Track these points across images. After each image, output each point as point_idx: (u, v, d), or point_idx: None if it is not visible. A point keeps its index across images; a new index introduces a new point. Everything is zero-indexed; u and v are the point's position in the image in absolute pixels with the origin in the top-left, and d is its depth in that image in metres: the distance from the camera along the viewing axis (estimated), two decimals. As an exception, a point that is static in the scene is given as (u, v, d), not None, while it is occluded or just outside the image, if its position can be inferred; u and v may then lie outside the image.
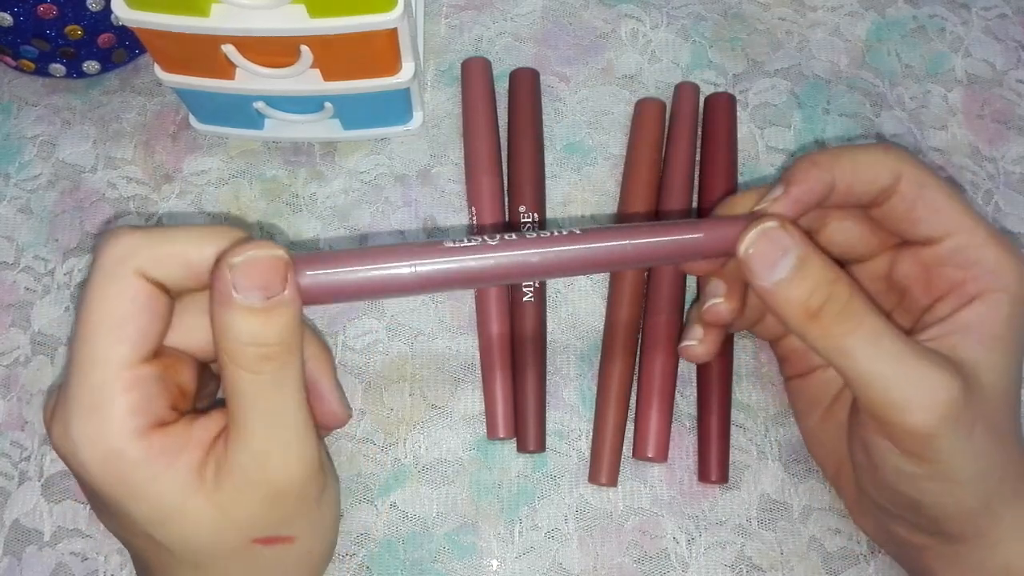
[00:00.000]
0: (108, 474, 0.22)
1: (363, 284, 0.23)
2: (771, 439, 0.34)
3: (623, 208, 0.36)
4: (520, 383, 0.33)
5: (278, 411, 0.23)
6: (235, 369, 0.22)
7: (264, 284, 0.21)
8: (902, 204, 0.26)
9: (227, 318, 0.22)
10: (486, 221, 0.35)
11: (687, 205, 0.36)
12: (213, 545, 0.24)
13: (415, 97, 0.36)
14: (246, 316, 0.21)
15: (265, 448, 0.23)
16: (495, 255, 0.24)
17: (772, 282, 0.24)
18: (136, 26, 0.30)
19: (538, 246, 0.24)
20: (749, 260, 0.24)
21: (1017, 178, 0.38)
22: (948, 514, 0.26)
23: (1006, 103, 0.39)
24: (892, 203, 0.26)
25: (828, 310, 0.23)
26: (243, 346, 0.22)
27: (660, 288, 0.34)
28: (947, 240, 0.26)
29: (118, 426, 0.22)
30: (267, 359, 0.22)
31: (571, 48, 0.40)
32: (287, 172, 0.38)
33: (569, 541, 0.32)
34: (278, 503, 0.24)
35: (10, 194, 0.37)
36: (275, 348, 0.22)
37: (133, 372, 0.22)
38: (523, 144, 0.36)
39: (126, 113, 0.39)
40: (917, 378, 0.23)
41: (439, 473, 0.33)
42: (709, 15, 0.41)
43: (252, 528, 0.24)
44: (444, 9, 0.40)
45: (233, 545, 0.24)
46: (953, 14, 0.41)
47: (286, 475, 0.24)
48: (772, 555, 0.32)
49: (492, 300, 0.34)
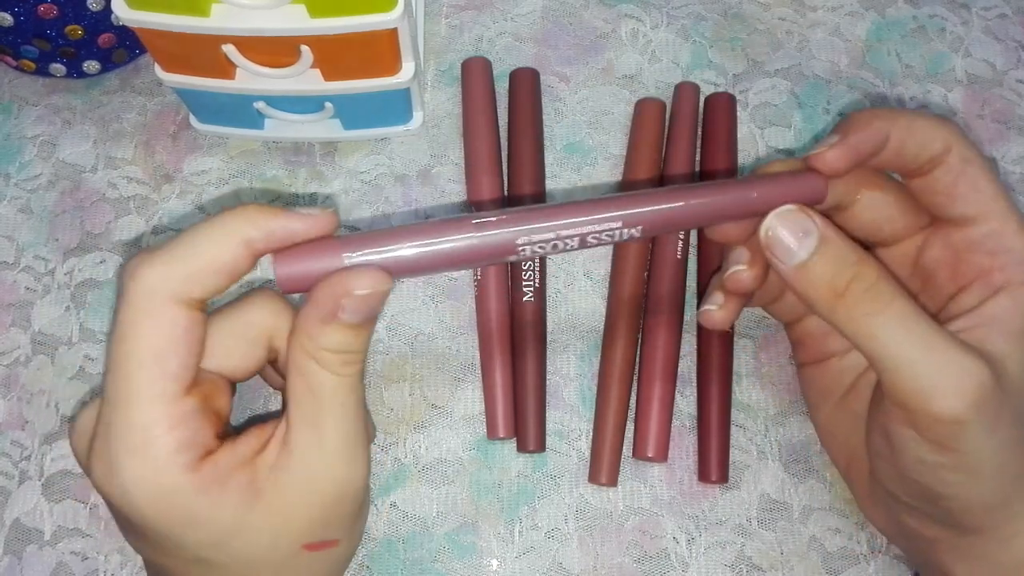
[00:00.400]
0: (162, 512, 0.22)
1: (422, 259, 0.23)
2: (771, 439, 0.34)
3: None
4: (520, 383, 0.33)
5: (352, 415, 0.24)
6: (319, 371, 0.23)
7: (370, 311, 0.23)
8: (947, 176, 0.26)
9: (325, 330, 0.23)
10: (486, 221, 0.35)
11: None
12: (267, 555, 0.24)
13: (415, 97, 0.36)
14: (343, 330, 0.23)
15: (337, 449, 0.24)
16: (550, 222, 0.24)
17: (795, 263, 0.24)
18: (136, 26, 0.30)
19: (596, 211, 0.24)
20: (770, 242, 0.24)
21: (1017, 178, 0.38)
22: (966, 507, 0.25)
23: (1006, 103, 0.39)
24: (936, 174, 0.26)
25: (855, 289, 0.23)
26: (332, 354, 0.23)
27: (660, 288, 0.34)
28: (981, 223, 0.26)
29: (168, 464, 0.22)
30: (350, 364, 0.23)
31: (571, 48, 0.40)
32: (287, 172, 0.38)
33: (569, 541, 0.32)
34: (337, 506, 0.25)
35: (10, 194, 0.37)
36: (359, 355, 0.23)
37: (177, 408, 0.22)
38: (523, 144, 0.36)
39: (126, 113, 0.39)
40: (946, 364, 0.23)
41: (439, 473, 0.33)
42: (709, 15, 0.41)
43: (307, 534, 0.24)
44: (444, 9, 0.41)
45: (285, 552, 0.24)
46: (953, 14, 0.41)
47: (352, 476, 0.24)
48: (772, 555, 0.32)
49: (492, 300, 0.34)
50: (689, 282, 0.35)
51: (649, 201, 0.24)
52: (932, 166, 0.26)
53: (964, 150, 0.26)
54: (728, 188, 0.25)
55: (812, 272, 0.24)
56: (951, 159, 0.26)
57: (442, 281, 0.36)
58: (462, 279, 0.36)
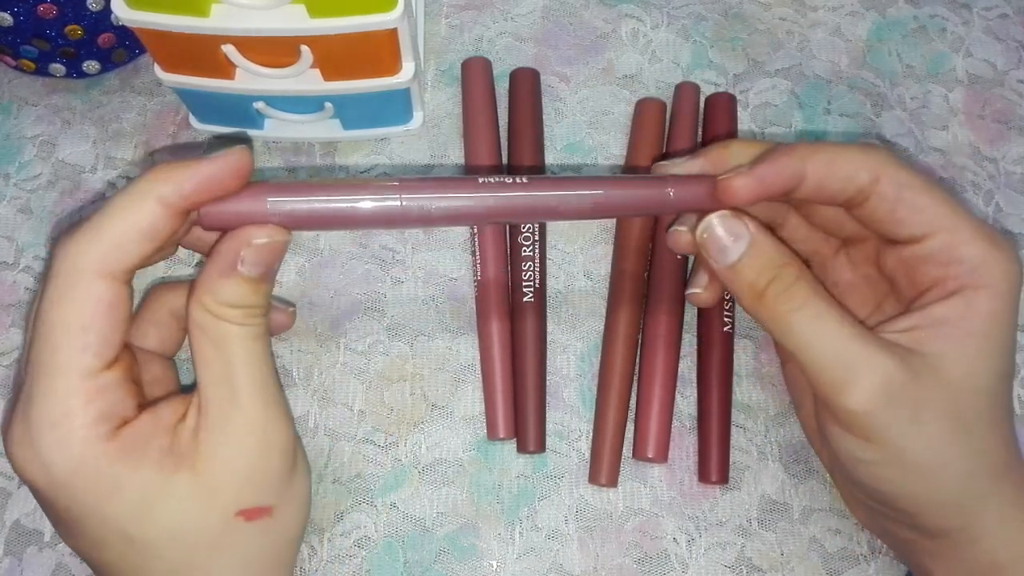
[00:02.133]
0: (82, 484, 0.22)
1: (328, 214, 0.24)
2: (771, 439, 0.34)
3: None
4: (520, 383, 0.33)
5: (261, 363, 0.25)
6: (220, 324, 0.24)
7: (269, 263, 0.24)
8: (882, 205, 0.26)
9: (225, 283, 0.23)
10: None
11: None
12: (197, 524, 0.24)
13: (415, 97, 0.36)
14: (242, 283, 0.24)
15: (252, 397, 0.24)
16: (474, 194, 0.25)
17: (726, 264, 0.26)
18: (136, 26, 0.30)
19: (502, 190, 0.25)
20: (705, 244, 0.26)
21: (1018, 178, 0.38)
22: (917, 507, 0.26)
23: (1007, 103, 0.39)
24: (871, 204, 0.26)
25: (773, 290, 0.25)
26: (232, 308, 0.24)
27: (660, 288, 0.34)
28: (929, 239, 0.26)
29: (86, 434, 0.22)
30: (252, 316, 0.24)
31: (571, 48, 0.40)
32: (287, 172, 0.38)
33: (569, 542, 0.32)
34: (263, 461, 0.25)
35: (10, 194, 0.37)
36: (260, 309, 0.24)
37: (97, 381, 0.23)
38: (523, 144, 0.36)
39: (126, 113, 0.39)
40: (853, 358, 0.24)
41: (439, 473, 0.33)
42: (710, 15, 0.40)
43: (237, 498, 0.24)
44: (444, 9, 0.40)
45: (218, 521, 0.24)
46: (954, 14, 0.41)
47: (274, 425, 0.25)
48: (772, 556, 0.32)
49: (492, 300, 0.34)
50: (689, 282, 0.35)
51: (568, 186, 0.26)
52: (863, 197, 0.26)
53: (895, 175, 0.26)
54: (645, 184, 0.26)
55: (739, 272, 0.25)
56: (883, 187, 0.25)
57: (442, 281, 0.36)
58: (462, 279, 0.36)
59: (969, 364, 0.25)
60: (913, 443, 0.25)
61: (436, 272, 0.36)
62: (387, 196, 0.24)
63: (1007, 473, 0.26)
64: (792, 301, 0.25)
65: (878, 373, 0.24)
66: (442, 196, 0.25)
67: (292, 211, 0.24)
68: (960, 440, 0.25)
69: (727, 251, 0.26)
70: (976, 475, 0.25)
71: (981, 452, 0.25)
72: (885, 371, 0.24)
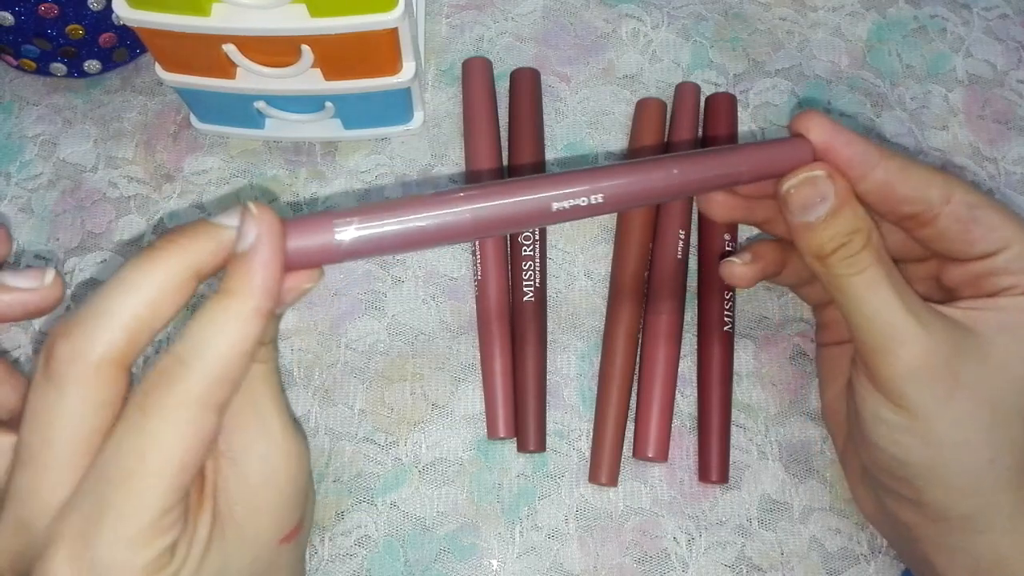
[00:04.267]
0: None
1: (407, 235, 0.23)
2: (771, 439, 0.34)
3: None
4: (520, 382, 0.33)
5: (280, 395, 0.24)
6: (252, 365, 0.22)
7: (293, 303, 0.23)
8: (955, 225, 0.26)
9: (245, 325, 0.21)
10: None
11: (687, 205, 0.36)
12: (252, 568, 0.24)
13: (416, 97, 0.36)
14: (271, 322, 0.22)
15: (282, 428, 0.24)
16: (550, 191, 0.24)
17: (801, 221, 0.26)
18: (137, 25, 0.30)
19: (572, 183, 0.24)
20: (788, 198, 0.26)
21: (1018, 178, 0.38)
22: (926, 480, 0.26)
23: (1007, 103, 0.39)
24: (941, 223, 0.26)
25: (839, 254, 0.26)
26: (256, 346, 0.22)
27: (661, 288, 0.34)
28: (1002, 253, 0.26)
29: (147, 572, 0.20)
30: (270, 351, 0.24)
31: (572, 48, 0.40)
32: (288, 172, 0.38)
33: (569, 541, 0.32)
34: (295, 485, 0.24)
35: (11, 193, 0.37)
36: (273, 343, 0.24)
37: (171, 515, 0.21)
38: (524, 144, 0.36)
39: (127, 112, 0.39)
40: (901, 325, 0.25)
41: (439, 473, 0.33)
42: (710, 15, 0.41)
43: (278, 528, 0.24)
44: (445, 9, 0.40)
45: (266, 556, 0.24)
46: (954, 14, 0.41)
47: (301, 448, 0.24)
48: (772, 555, 0.32)
49: (492, 299, 0.34)
50: (689, 282, 0.35)
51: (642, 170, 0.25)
52: (931, 215, 0.26)
53: (967, 195, 0.26)
54: (718, 156, 0.26)
55: (814, 231, 0.26)
56: (955, 208, 0.26)
57: (442, 281, 0.36)
58: (463, 279, 0.36)
59: (1016, 354, 0.25)
60: (942, 415, 0.25)
61: (436, 272, 0.36)
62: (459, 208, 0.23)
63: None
64: (853, 267, 0.26)
65: (922, 343, 0.25)
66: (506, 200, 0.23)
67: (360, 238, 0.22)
68: (989, 425, 0.25)
69: (808, 209, 0.26)
70: (998, 464, 0.25)
71: (1008, 442, 0.26)
72: (930, 342, 0.25)
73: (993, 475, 0.25)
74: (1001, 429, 0.25)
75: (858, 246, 0.26)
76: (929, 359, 0.25)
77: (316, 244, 0.22)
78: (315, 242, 0.22)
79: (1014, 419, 0.26)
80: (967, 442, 0.25)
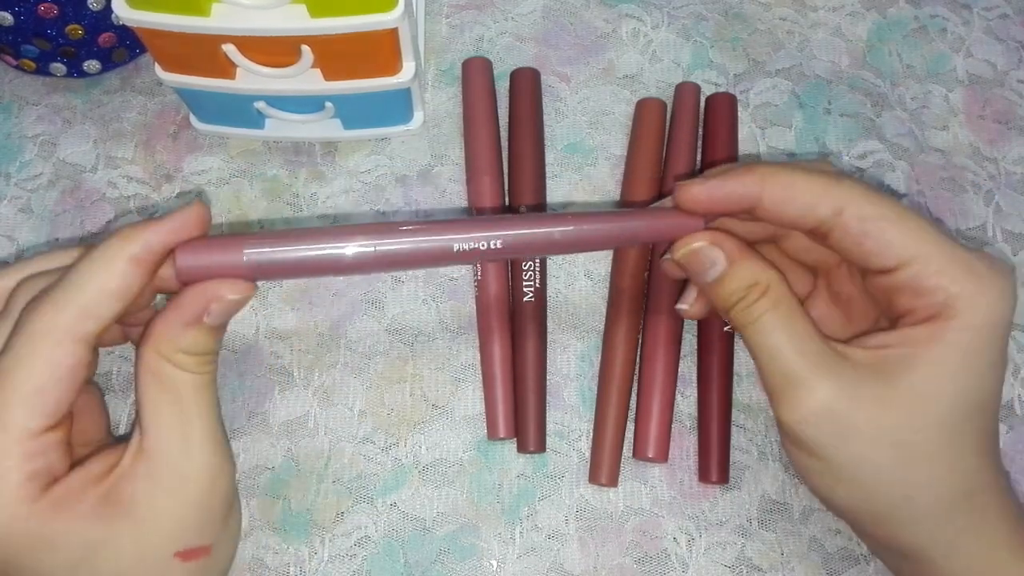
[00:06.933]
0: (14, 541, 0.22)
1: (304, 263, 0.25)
2: (771, 439, 0.34)
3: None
4: (520, 383, 0.33)
5: (212, 411, 0.25)
6: (177, 373, 0.24)
7: (233, 314, 0.25)
8: (846, 238, 0.25)
9: (186, 332, 0.24)
10: (487, 221, 0.35)
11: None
12: (136, 568, 0.24)
13: (416, 97, 0.36)
14: (204, 332, 0.24)
15: (204, 443, 0.25)
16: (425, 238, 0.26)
17: (705, 282, 0.27)
18: (137, 25, 0.30)
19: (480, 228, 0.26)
20: (685, 263, 0.28)
21: (1018, 178, 0.38)
22: (855, 517, 0.27)
23: (1007, 103, 0.39)
24: (836, 236, 0.26)
25: (739, 306, 0.27)
26: (190, 356, 0.24)
27: (661, 288, 0.34)
28: (901, 270, 0.25)
29: (16, 495, 0.22)
30: (207, 363, 0.25)
31: (572, 48, 0.40)
32: (288, 172, 0.38)
33: (569, 542, 0.32)
34: (207, 504, 0.25)
35: (11, 193, 0.37)
36: (214, 356, 0.25)
37: (38, 441, 0.23)
38: (524, 144, 0.36)
39: (127, 112, 0.39)
40: (796, 372, 0.25)
41: (439, 473, 0.33)
42: (710, 15, 0.40)
43: (177, 540, 0.25)
44: (445, 9, 0.40)
45: (155, 562, 0.24)
46: (954, 14, 0.41)
47: (221, 470, 0.25)
48: (772, 556, 0.32)
49: (492, 300, 0.34)
50: (690, 282, 0.35)
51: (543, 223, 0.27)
52: (826, 228, 0.26)
53: (860, 208, 0.25)
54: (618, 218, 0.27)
55: (713, 290, 0.27)
56: (846, 220, 0.25)
57: (442, 281, 0.36)
58: (462, 279, 0.36)
59: (921, 392, 0.25)
60: (841, 457, 0.25)
61: (436, 272, 0.36)
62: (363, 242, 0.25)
63: (965, 500, 0.25)
64: (749, 316, 0.26)
65: (812, 393, 0.25)
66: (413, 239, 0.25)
67: (269, 261, 0.24)
68: (897, 464, 0.25)
69: (704, 272, 0.27)
70: (918, 501, 0.25)
71: (924, 477, 0.25)
72: (819, 392, 0.25)
73: (916, 510, 0.25)
74: (914, 466, 0.25)
75: (755, 297, 0.26)
76: (820, 405, 0.25)
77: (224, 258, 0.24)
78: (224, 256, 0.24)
79: (933, 456, 0.25)
80: (877, 481, 0.25)
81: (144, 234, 0.24)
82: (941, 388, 0.25)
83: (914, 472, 0.25)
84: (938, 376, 0.25)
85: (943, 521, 0.25)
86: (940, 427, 0.25)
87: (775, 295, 0.26)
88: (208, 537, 0.26)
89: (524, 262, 0.34)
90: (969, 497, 0.25)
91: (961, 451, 0.25)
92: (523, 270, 0.34)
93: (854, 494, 0.26)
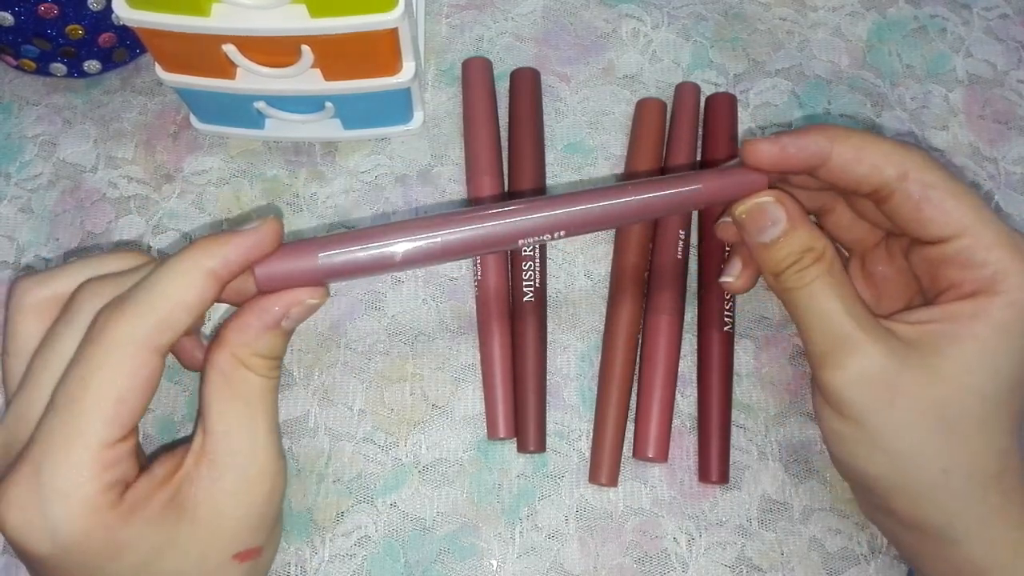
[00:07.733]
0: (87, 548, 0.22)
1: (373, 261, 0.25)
2: (771, 439, 0.34)
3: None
4: (520, 383, 0.33)
5: (275, 414, 0.25)
6: (250, 376, 0.24)
7: (305, 317, 0.26)
8: (907, 203, 0.26)
9: (264, 336, 0.24)
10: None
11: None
12: (196, 570, 0.24)
13: (416, 97, 0.36)
14: (279, 336, 0.25)
15: (268, 447, 0.25)
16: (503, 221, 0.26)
17: (759, 242, 0.28)
18: (137, 25, 0.30)
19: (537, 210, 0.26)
20: (743, 222, 0.28)
21: (1018, 178, 0.38)
22: (885, 490, 0.27)
23: (1007, 103, 0.39)
24: (897, 200, 0.26)
25: (792, 269, 0.27)
26: (263, 359, 0.25)
27: (661, 288, 0.34)
28: (952, 242, 0.26)
29: (95, 503, 0.22)
30: (275, 368, 0.25)
31: (572, 48, 0.40)
32: (288, 172, 0.38)
33: (569, 541, 0.32)
34: (267, 506, 0.25)
35: (11, 193, 0.37)
36: (280, 359, 0.26)
37: (114, 451, 0.23)
38: (524, 144, 0.36)
39: (127, 112, 0.39)
40: (844, 336, 0.26)
41: (439, 473, 0.33)
42: (710, 15, 0.41)
43: (237, 542, 0.25)
44: (445, 9, 0.40)
45: (215, 565, 0.25)
46: (954, 14, 0.41)
47: (282, 472, 0.25)
48: (772, 555, 0.32)
49: (492, 300, 0.34)
50: (689, 282, 0.35)
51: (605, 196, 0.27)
52: (888, 191, 0.26)
53: (923, 175, 0.26)
54: (676, 182, 0.27)
55: (769, 250, 0.27)
56: (910, 186, 0.26)
57: (442, 281, 0.36)
58: (462, 279, 0.36)
59: (966, 365, 0.25)
60: (884, 424, 0.25)
61: (436, 272, 0.36)
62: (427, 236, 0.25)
63: (996, 480, 0.26)
64: (802, 280, 0.26)
65: (863, 351, 0.25)
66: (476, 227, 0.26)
67: (343, 262, 0.25)
68: (937, 435, 0.25)
69: (763, 231, 0.27)
70: (954, 474, 0.25)
71: (963, 452, 0.25)
72: (872, 351, 0.25)
73: (950, 485, 0.25)
74: (954, 440, 0.25)
75: (809, 262, 0.27)
76: (870, 367, 0.25)
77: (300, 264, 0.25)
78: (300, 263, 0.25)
79: (965, 427, 0.25)
80: (916, 452, 0.25)
81: (223, 249, 0.24)
82: (984, 363, 0.25)
83: (955, 446, 0.25)
84: (982, 351, 0.25)
85: (974, 500, 0.25)
86: (983, 403, 0.25)
87: (830, 261, 0.27)
88: (261, 538, 0.26)
89: (524, 261, 0.34)
90: (1000, 478, 0.26)
91: (998, 430, 0.26)
92: (523, 270, 0.34)
93: (891, 463, 0.26)
